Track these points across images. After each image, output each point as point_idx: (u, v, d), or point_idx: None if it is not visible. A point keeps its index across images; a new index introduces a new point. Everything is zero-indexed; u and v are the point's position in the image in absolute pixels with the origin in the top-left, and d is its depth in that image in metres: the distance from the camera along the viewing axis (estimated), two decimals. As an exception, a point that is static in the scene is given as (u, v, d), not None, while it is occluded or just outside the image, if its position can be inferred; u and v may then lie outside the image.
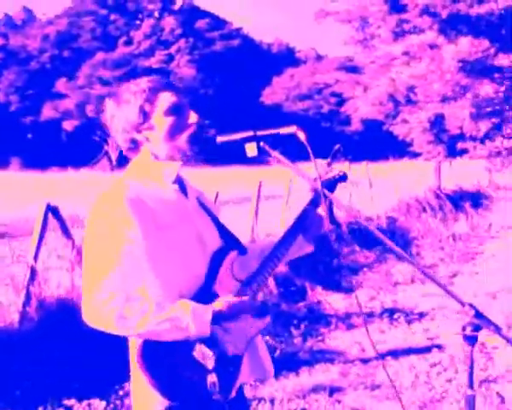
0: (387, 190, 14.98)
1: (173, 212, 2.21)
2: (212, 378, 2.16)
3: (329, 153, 2.50)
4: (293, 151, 2.28)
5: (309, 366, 5.74)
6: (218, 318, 2.14)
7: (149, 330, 2.03)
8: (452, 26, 13.29)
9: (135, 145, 2.26)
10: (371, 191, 14.36)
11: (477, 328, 1.84)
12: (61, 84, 68.40)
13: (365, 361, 5.88)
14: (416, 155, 21.35)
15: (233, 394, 2.26)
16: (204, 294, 2.20)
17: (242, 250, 2.39)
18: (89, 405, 4.70)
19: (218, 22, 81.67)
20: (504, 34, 13.10)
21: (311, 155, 2.06)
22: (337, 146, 2.27)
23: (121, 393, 4.93)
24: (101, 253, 2.06)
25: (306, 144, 2.08)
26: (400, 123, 19.98)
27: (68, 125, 66.84)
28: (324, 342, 6.57)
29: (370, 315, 7.48)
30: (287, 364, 5.68)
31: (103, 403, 4.73)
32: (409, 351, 6.08)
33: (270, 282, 7.46)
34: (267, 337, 6.11)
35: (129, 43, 73.91)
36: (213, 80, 70.55)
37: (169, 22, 76.93)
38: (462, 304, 1.84)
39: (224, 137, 2.21)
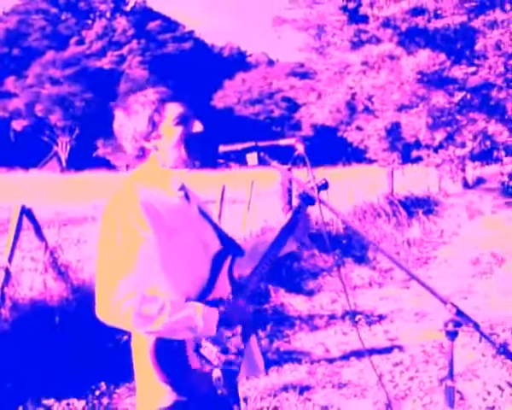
0: (342, 196, 15.29)
1: (179, 217, 2.35)
2: (216, 374, 2.35)
3: (286, 158, 2.72)
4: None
5: (277, 365, 5.95)
6: (221, 320, 2.33)
7: (165, 328, 2.18)
8: (411, 38, 13.75)
9: (143, 153, 2.41)
10: (326, 196, 14.51)
11: (458, 324, 2.01)
12: (10, 83, 67.07)
13: (330, 361, 6.12)
14: (370, 161, 21.81)
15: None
16: (206, 295, 2.36)
17: (240, 252, 2.58)
18: (68, 404, 4.79)
19: (170, 24, 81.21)
20: (459, 48, 13.63)
21: (309, 165, 2.31)
22: (297, 152, 2.45)
23: (98, 393, 5.04)
24: (117, 252, 2.20)
25: (305, 155, 2.29)
26: (355, 130, 20.42)
27: (17, 125, 65.58)
28: (290, 343, 6.79)
29: (332, 317, 7.73)
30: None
31: (82, 403, 4.83)
32: (371, 352, 6.33)
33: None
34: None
35: (80, 42, 72.70)
36: (166, 82, 70.10)
37: (121, 23, 76.00)
38: (445, 302, 2.01)
39: (226, 146, 2.39)
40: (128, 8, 79.94)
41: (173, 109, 2.37)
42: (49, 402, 4.78)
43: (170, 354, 2.26)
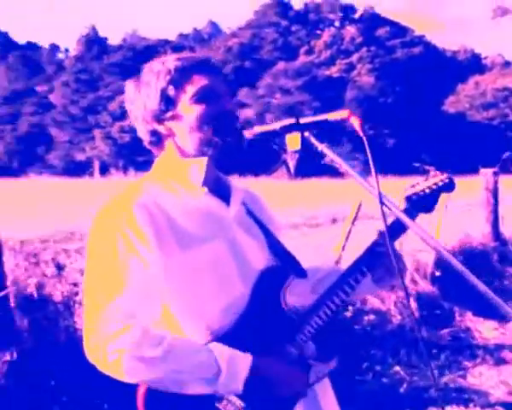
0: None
1: (202, 222, 1.74)
2: None
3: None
4: None
5: (436, 407, 4.72)
6: (255, 375, 1.63)
7: (170, 378, 1.58)
8: None
9: (157, 139, 1.82)
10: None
11: None
12: (242, 94, 70.31)
13: (509, 407, 4.81)
14: None
15: None
16: (241, 328, 1.71)
17: (300, 272, 1.84)
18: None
19: (399, 30, 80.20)
20: None
21: (369, 152, 1.51)
22: (506, 153, 1.50)
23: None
24: (102, 273, 1.63)
25: (362, 135, 1.53)
26: None
27: (249, 134, 68.54)
28: (465, 378, 5.48)
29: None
30: (411, 402, 4.78)
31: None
32: None
33: (412, 303, 6.48)
34: (397, 367, 5.25)
35: (310, 52, 74.56)
36: (393, 88, 69.19)
37: (350, 31, 76.76)
38: None
39: (260, 127, 1.75)
40: (357, 16, 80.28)
41: (195, 82, 1.76)
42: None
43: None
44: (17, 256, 4.19)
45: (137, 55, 73.34)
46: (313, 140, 1.64)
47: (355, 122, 1.55)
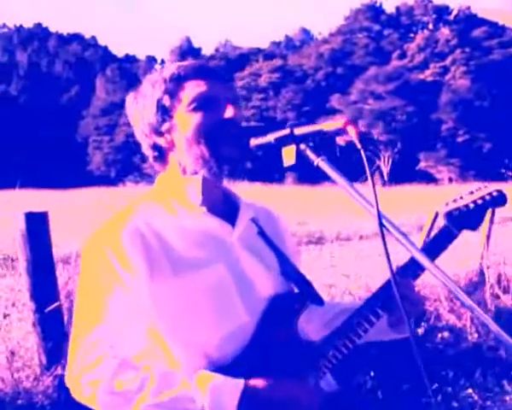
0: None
1: (200, 244, 1.60)
2: None
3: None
4: None
5: None
6: (251, 400, 1.47)
7: None
8: None
9: (160, 153, 1.68)
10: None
11: None
12: (334, 100, 69.94)
13: None
14: None
15: None
16: (248, 357, 1.57)
17: (317, 300, 1.67)
18: None
19: (496, 29, 77.49)
20: None
21: (366, 164, 1.34)
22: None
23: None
24: (84, 300, 1.56)
25: (360, 147, 1.37)
26: None
27: (341, 140, 68.09)
28: None
29: None
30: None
31: None
32: None
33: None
34: (470, 390, 4.76)
35: (402, 56, 73.30)
36: (490, 91, 66.91)
37: (444, 33, 74.92)
38: None
39: (256, 140, 1.55)
40: (451, 17, 78.24)
41: (190, 89, 1.61)
42: None
43: None
44: (71, 269, 4.25)
45: (230, 64, 74.46)
46: (309, 153, 1.45)
47: (352, 132, 1.40)
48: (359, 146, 1.37)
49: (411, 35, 77.27)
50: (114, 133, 74.53)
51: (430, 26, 77.88)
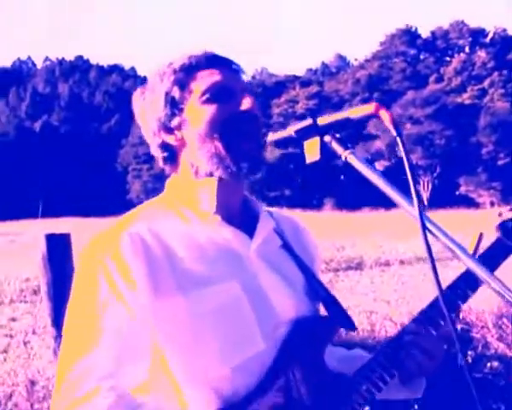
0: None
1: (212, 258, 1.36)
2: None
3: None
4: None
5: None
6: None
7: None
8: None
9: (170, 154, 1.45)
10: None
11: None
12: (371, 126, 69.67)
13: None
14: None
15: None
16: (263, 394, 1.32)
17: (348, 324, 1.45)
18: None
19: (534, 51, 76.87)
20: None
21: (403, 153, 1.09)
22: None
23: None
24: (77, 318, 1.31)
25: (395, 134, 1.10)
26: None
27: (379, 166, 67.80)
28: None
29: None
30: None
31: None
32: None
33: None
34: None
35: (439, 80, 72.97)
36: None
37: (480, 56, 74.55)
38: None
39: (273, 134, 1.35)
40: (487, 40, 77.76)
41: (203, 79, 1.40)
42: None
43: None
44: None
45: (267, 91, 74.86)
46: (335, 145, 1.23)
47: (385, 117, 1.13)
48: (394, 133, 1.11)
49: (447, 58, 77.02)
50: (153, 161, 75.17)
51: (466, 50, 77.50)
